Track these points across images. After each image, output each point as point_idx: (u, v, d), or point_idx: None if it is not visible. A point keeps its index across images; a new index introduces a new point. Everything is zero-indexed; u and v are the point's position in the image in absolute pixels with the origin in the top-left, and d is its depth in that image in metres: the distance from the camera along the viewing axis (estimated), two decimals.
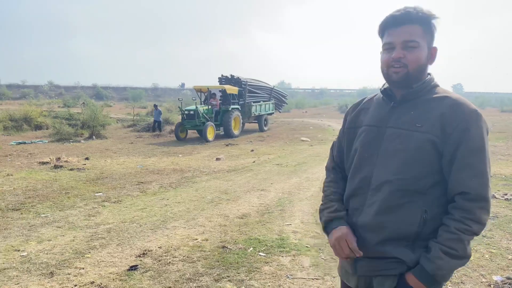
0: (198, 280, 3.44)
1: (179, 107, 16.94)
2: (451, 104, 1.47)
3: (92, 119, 17.06)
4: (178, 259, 3.93)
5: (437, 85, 1.57)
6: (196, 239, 4.50)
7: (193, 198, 6.52)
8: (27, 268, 3.73)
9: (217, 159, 11.08)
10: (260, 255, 4.01)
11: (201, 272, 3.59)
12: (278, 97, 23.10)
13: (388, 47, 1.54)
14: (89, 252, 4.12)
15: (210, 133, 15.66)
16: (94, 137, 16.37)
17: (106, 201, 6.29)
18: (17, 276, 3.55)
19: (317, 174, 8.55)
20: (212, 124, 15.98)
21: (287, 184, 7.60)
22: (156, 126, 18.59)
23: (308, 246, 4.28)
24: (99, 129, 17.05)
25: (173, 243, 4.36)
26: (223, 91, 17.62)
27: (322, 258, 3.96)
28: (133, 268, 3.70)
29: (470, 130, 1.41)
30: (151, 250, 4.16)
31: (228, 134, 16.99)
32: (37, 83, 63.96)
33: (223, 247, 4.23)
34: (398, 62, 1.50)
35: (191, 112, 15.89)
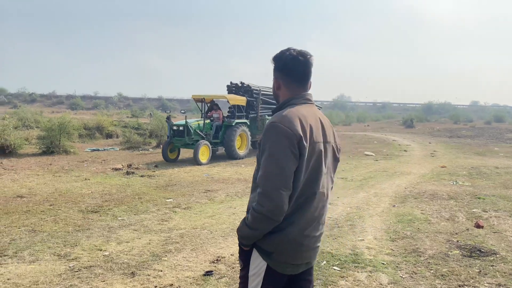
0: None
1: (166, 121, 13.96)
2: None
3: (159, 129, 17.80)
4: None
5: (286, 107, 1.96)
6: None
7: None
8: (110, 267, 3.93)
9: None
10: (334, 269, 3.93)
11: None
12: None
13: None
14: (166, 256, 4.27)
15: (204, 154, 12.49)
16: (161, 145, 17.04)
17: (177, 207, 6.50)
18: (102, 274, 3.76)
19: (386, 190, 8.27)
20: (206, 142, 12.76)
21: (355, 198, 7.42)
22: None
23: (384, 263, 4.13)
24: (166, 139, 17.72)
25: None
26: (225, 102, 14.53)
27: (400, 276, 3.80)
28: (208, 273, 3.78)
29: (263, 138, 1.85)
30: (224, 257, 4.22)
31: (230, 155, 13.78)
32: (107, 95, 68.25)
33: None
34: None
35: (180, 128, 12.85)
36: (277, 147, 1.78)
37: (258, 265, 1.91)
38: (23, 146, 13.05)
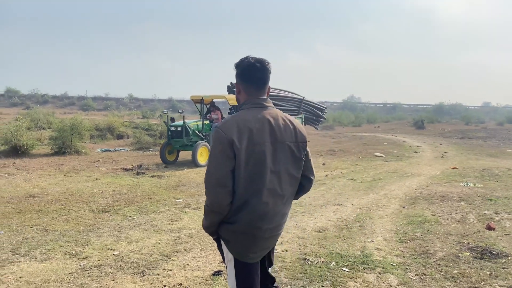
0: None
1: (164, 122, 13.39)
2: None
3: None
4: None
5: (239, 111, 2.14)
6: (276, 250, 4.50)
7: None
8: (120, 266, 3.97)
9: None
10: (343, 270, 3.92)
11: (284, 283, 3.58)
12: (311, 111, 18.02)
13: None
14: (175, 255, 4.29)
15: (203, 155, 11.95)
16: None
17: (186, 207, 6.53)
18: (112, 273, 3.80)
19: (396, 191, 8.22)
20: (205, 143, 12.23)
21: (364, 200, 7.38)
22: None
23: (394, 264, 4.10)
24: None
25: None
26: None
27: (410, 277, 3.77)
28: (217, 273, 3.80)
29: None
30: None
31: None
32: (118, 96, 68.66)
33: (304, 259, 4.19)
34: None
35: (178, 129, 12.34)
36: (214, 150, 2.02)
37: (227, 253, 2.11)
38: (36, 146, 13.22)
